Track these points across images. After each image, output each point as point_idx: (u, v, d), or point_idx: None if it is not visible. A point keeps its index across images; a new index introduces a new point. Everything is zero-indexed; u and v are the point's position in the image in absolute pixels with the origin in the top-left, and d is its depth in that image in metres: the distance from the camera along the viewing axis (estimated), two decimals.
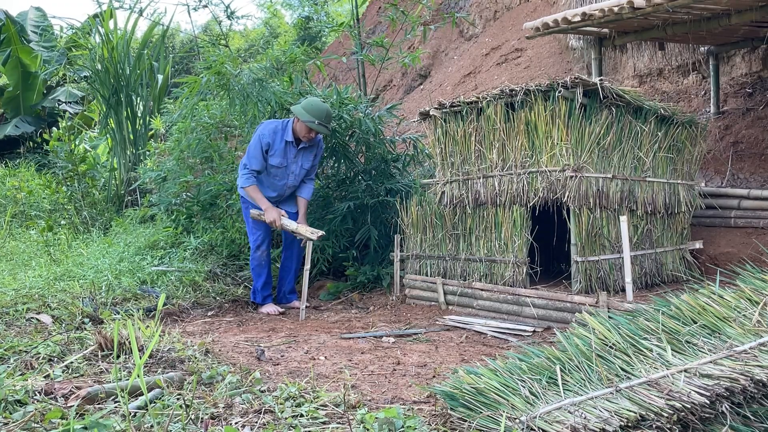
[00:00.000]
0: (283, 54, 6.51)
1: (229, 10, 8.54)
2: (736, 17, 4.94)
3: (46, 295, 4.76)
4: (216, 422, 2.28)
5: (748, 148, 6.10)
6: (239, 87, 5.75)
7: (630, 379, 2.42)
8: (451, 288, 5.10)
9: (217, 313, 5.11)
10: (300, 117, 4.97)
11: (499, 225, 4.78)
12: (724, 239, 5.34)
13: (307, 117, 4.95)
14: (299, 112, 4.98)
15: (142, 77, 10.20)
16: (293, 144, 5.13)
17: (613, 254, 4.54)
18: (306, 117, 4.95)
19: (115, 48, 9.70)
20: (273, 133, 5.07)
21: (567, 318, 4.24)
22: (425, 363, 3.49)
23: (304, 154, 5.22)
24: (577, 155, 4.37)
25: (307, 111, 4.97)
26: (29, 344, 3.15)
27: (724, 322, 3.00)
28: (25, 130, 13.94)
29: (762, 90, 6.51)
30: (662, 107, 4.86)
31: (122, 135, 9.86)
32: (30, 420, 2.12)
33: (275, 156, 5.10)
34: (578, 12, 5.32)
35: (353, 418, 2.34)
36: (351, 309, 5.37)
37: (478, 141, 4.86)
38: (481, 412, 2.23)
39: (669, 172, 5.09)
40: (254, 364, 3.34)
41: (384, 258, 5.96)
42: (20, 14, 15.20)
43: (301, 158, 5.22)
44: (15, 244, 7.52)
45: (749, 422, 2.33)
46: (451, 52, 11.45)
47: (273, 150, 5.08)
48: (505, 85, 4.61)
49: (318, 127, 5.01)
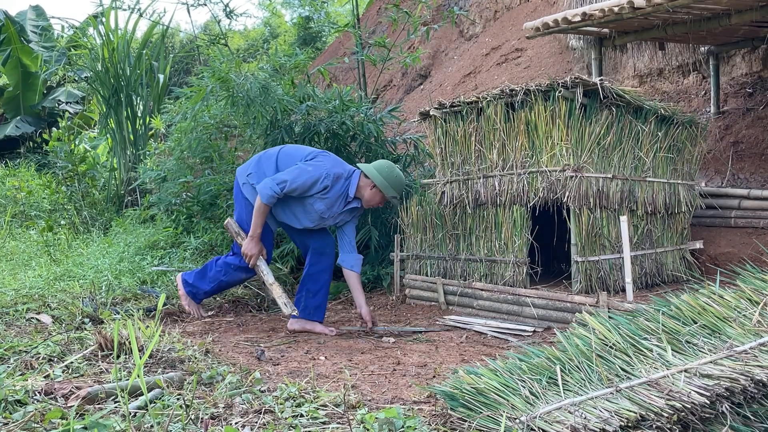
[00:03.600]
0: (288, 59, 6.50)
1: (228, 9, 8.53)
2: (736, 17, 4.94)
3: (46, 295, 4.76)
4: (216, 422, 2.28)
5: (748, 148, 6.10)
6: (243, 93, 5.74)
7: (630, 379, 2.42)
8: (452, 288, 5.10)
9: (217, 313, 5.10)
10: (380, 186, 4.29)
11: (499, 225, 4.78)
12: (725, 239, 5.34)
13: (391, 192, 4.34)
14: (379, 180, 4.29)
15: (142, 77, 10.20)
16: (346, 200, 4.36)
17: (613, 254, 4.54)
18: (389, 191, 4.33)
19: (115, 48, 9.71)
20: (336, 180, 4.25)
21: (567, 318, 4.24)
22: (425, 363, 3.49)
23: (350, 212, 4.46)
24: (577, 155, 4.37)
25: (388, 181, 4.31)
26: (29, 344, 3.15)
27: (725, 322, 3.00)
28: (25, 130, 13.95)
29: (762, 90, 6.51)
30: (662, 107, 4.86)
31: (122, 135, 9.86)
32: (30, 420, 2.12)
33: (322, 202, 4.26)
34: (578, 12, 5.32)
35: (353, 418, 2.33)
36: (351, 309, 5.37)
37: (478, 141, 4.86)
38: (481, 412, 2.23)
39: (669, 172, 5.09)
40: (254, 364, 3.34)
41: (384, 258, 5.96)
42: (19, 14, 15.21)
43: (344, 215, 4.45)
44: (15, 244, 7.53)
45: (749, 422, 2.33)
46: (451, 52, 11.45)
47: (325, 196, 4.25)
48: (505, 85, 4.61)
49: (394, 201, 4.51)
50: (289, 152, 4.40)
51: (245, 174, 4.41)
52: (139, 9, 9.87)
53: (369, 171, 4.32)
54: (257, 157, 4.48)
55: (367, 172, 4.31)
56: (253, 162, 4.45)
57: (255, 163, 4.41)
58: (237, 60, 6.36)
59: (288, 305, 4.26)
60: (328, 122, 5.94)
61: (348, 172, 4.36)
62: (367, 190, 4.33)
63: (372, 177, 4.29)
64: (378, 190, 4.32)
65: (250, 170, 4.39)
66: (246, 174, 4.40)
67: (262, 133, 6.17)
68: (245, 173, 4.41)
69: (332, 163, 4.32)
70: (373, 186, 4.32)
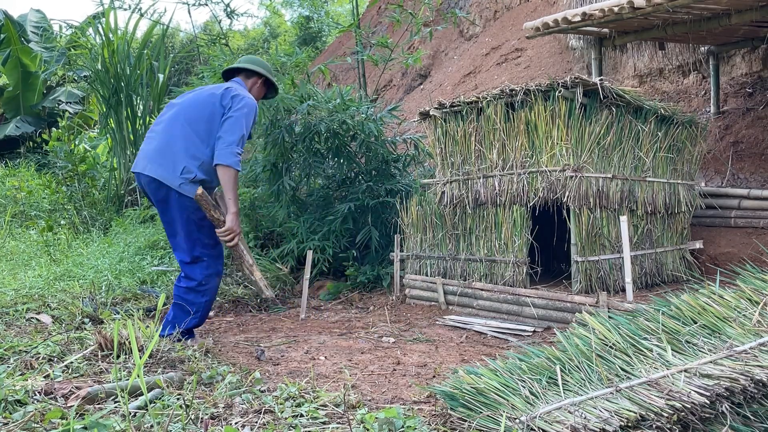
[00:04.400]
0: (288, 59, 6.50)
1: (229, 9, 8.53)
2: (736, 17, 4.94)
3: (46, 295, 4.76)
4: (216, 422, 2.28)
5: (748, 148, 6.10)
6: None
7: (630, 379, 2.42)
8: (451, 288, 5.10)
9: (217, 313, 5.11)
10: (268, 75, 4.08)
11: (499, 225, 4.78)
12: (724, 239, 5.34)
13: (273, 78, 4.13)
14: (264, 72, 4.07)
15: (142, 77, 10.20)
16: None
17: (613, 254, 4.54)
18: (272, 77, 4.12)
19: (115, 50, 9.70)
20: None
21: (567, 318, 4.24)
22: (425, 363, 3.49)
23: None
24: (577, 155, 4.37)
25: (266, 69, 4.10)
26: (29, 344, 3.15)
27: (724, 322, 3.00)
28: (25, 130, 13.94)
29: (762, 90, 6.51)
30: (662, 107, 4.86)
31: (122, 135, 9.86)
32: (30, 420, 2.12)
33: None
34: (578, 12, 5.32)
35: (353, 418, 2.33)
36: (351, 309, 5.37)
37: (478, 141, 4.86)
38: (481, 412, 2.23)
39: (669, 172, 5.09)
40: (254, 364, 3.34)
41: (384, 258, 5.96)
42: (20, 17, 15.22)
43: None
44: (15, 244, 7.52)
45: (749, 422, 2.33)
46: (451, 52, 11.45)
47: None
48: (505, 85, 4.61)
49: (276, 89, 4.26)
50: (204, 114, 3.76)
51: (177, 173, 3.64)
52: (140, 9, 9.86)
53: (255, 68, 4.05)
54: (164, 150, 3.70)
55: (254, 69, 4.05)
56: (171, 157, 3.68)
57: (177, 156, 3.67)
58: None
59: (268, 288, 3.99)
60: (329, 122, 5.95)
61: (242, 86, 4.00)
62: (255, 88, 4.08)
63: (261, 72, 4.05)
64: (262, 84, 4.10)
65: (182, 165, 3.65)
66: (179, 173, 3.64)
67: (263, 133, 6.17)
68: (176, 173, 3.64)
69: (244, 92, 3.92)
70: (260, 82, 4.08)
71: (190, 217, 3.68)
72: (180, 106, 3.84)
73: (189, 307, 3.71)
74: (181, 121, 3.74)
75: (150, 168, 3.67)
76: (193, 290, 3.73)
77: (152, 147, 3.75)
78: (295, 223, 6.07)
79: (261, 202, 6.48)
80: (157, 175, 3.64)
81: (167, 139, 3.72)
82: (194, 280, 3.72)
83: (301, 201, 6.39)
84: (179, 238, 3.74)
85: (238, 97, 3.78)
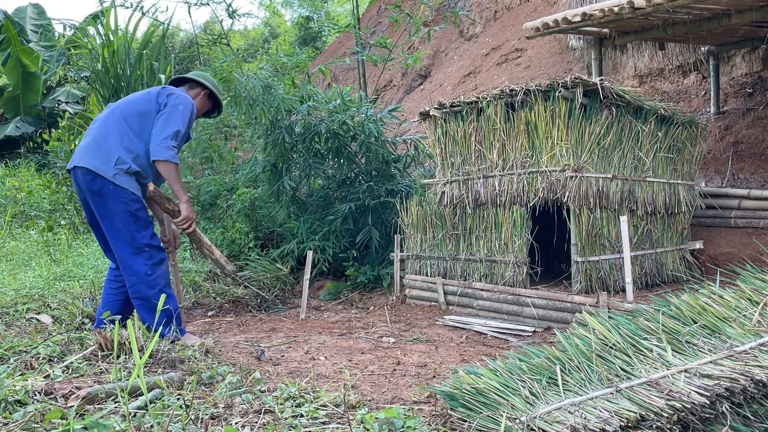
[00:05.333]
0: (289, 59, 6.51)
1: (231, 9, 8.52)
2: (736, 17, 4.94)
3: (46, 295, 4.76)
4: (216, 422, 2.28)
5: (748, 148, 6.10)
6: (245, 92, 5.75)
7: (630, 379, 2.42)
8: (452, 288, 5.10)
9: (217, 314, 5.11)
10: (214, 90, 4.10)
11: (499, 225, 4.78)
12: (724, 239, 5.34)
13: (220, 95, 4.17)
14: (212, 86, 4.09)
15: (142, 77, 10.20)
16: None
17: (613, 254, 4.54)
18: (220, 97, 4.18)
19: (116, 51, 9.70)
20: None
21: (567, 318, 4.24)
22: (425, 363, 3.49)
23: None
24: (577, 155, 4.37)
25: (214, 86, 4.12)
26: (29, 344, 3.15)
27: (724, 322, 3.00)
28: (25, 130, 13.93)
29: (762, 90, 6.51)
30: (662, 107, 4.86)
31: None
32: (30, 420, 2.12)
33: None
34: (578, 12, 5.32)
35: (353, 418, 2.33)
36: (351, 309, 5.37)
37: (478, 141, 4.86)
38: (481, 413, 2.23)
39: (669, 172, 5.09)
40: (254, 364, 3.34)
41: (384, 258, 5.96)
42: (18, 10, 15.16)
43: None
44: (15, 244, 7.52)
45: (749, 422, 2.33)
46: (451, 52, 11.45)
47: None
48: (505, 85, 4.61)
49: (221, 109, 4.30)
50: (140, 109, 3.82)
51: (111, 164, 3.64)
52: (142, 8, 9.83)
53: (200, 80, 4.08)
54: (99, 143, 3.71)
55: (199, 80, 4.08)
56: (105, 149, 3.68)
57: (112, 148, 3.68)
58: (237, 60, 6.36)
59: (228, 263, 4.07)
60: (329, 122, 5.95)
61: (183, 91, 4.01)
62: (197, 99, 4.07)
63: (206, 84, 4.07)
64: (206, 98, 4.11)
65: (116, 155, 3.66)
66: (113, 164, 3.64)
67: (263, 133, 6.17)
68: (110, 163, 3.64)
69: (182, 92, 3.95)
70: (203, 94, 4.09)
71: (127, 209, 3.66)
72: (117, 104, 3.90)
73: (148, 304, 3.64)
74: (117, 116, 3.78)
75: (84, 160, 3.67)
76: (142, 284, 3.67)
77: (87, 141, 3.77)
78: (295, 223, 6.07)
79: (261, 202, 6.48)
80: (91, 166, 3.64)
81: (103, 133, 3.74)
82: (138, 273, 3.67)
83: (301, 201, 6.39)
84: (117, 232, 3.69)
85: (174, 95, 3.84)
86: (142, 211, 3.72)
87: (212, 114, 4.29)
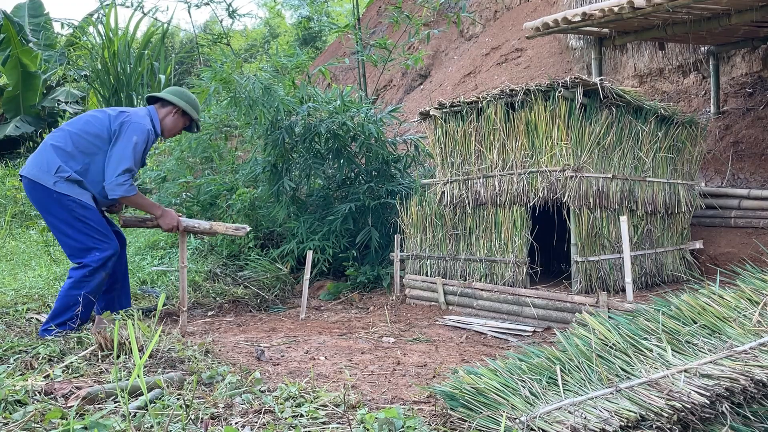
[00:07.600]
0: (289, 60, 6.51)
1: (231, 8, 8.52)
2: (736, 17, 4.94)
3: (46, 295, 4.76)
4: (216, 422, 2.28)
5: (748, 148, 6.10)
6: (246, 93, 5.74)
7: (630, 379, 2.42)
8: (452, 288, 5.10)
9: (217, 313, 5.11)
10: (186, 109, 4.12)
11: (499, 225, 4.78)
12: (724, 239, 5.34)
13: (195, 113, 4.18)
14: (183, 104, 4.10)
15: (142, 77, 10.20)
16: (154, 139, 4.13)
17: (613, 254, 4.54)
18: (194, 112, 4.17)
19: (116, 51, 9.70)
20: (152, 130, 4.01)
21: (567, 318, 4.24)
22: (425, 363, 3.49)
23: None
24: (577, 155, 4.37)
25: (189, 103, 4.15)
26: (29, 344, 3.15)
27: (724, 322, 3.00)
28: (25, 130, 13.93)
29: (762, 90, 6.51)
30: (662, 107, 4.86)
31: None
32: (30, 420, 2.12)
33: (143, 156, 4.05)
34: (578, 12, 5.32)
35: (353, 418, 2.33)
36: (351, 309, 5.37)
37: (478, 141, 4.86)
38: (481, 412, 2.23)
39: (669, 172, 5.09)
40: (254, 364, 3.34)
41: (384, 258, 5.96)
42: (17, 8, 15.14)
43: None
44: (15, 244, 7.52)
45: (749, 422, 2.33)
46: (451, 52, 11.45)
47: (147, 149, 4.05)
48: (505, 85, 4.61)
49: (198, 126, 4.33)
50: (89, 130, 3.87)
51: (51, 172, 3.72)
52: (142, 7, 9.84)
53: (170, 98, 4.10)
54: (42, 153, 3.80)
55: (169, 99, 4.10)
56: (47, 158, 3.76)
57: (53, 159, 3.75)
58: (238, 61, 6.37)
59: (239, 228, 4.16)
60: (329, 123, 5.95)
61: (150, 112, 4.08)
62: (169, 118, 4.12)
63: (176, 102, 4.09)
64: (179, 115, 4.15)
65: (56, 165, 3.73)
66: (53, 172, 3.72)
67: (263, 134, 6.17)
68: (50, 172, 3.72)
69: (140, 115, 4.00)
70: (174, 112, 4.13)
71: (73, 214, 3.74)
72: (69, 122, 3.99)
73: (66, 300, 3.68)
74: (66, 130, 3.87)
75: (26, 169, 3.80)
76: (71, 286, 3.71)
77: (34, 153, 3.88)
78: (295, 223, 6.07)
79: (261, 202, 6.48)
80: (31, 175, 3.75)
81: (49, 144, 3.84)
82: (89, 266, 3.73)
83: (301, 201, 6.40)
84: (64, 238, 3.79)
85: (126, 123, 3.89)
86: (90, 218, 3.78)
87: (191, 130, 4.34)
